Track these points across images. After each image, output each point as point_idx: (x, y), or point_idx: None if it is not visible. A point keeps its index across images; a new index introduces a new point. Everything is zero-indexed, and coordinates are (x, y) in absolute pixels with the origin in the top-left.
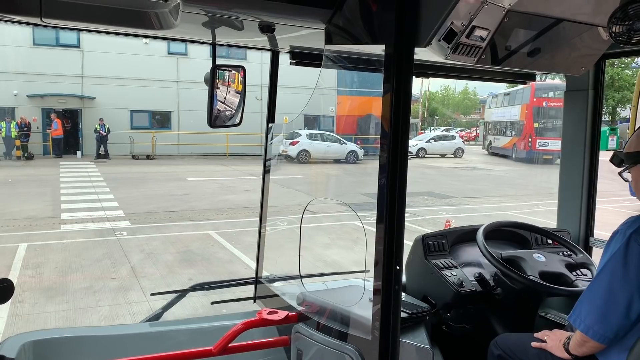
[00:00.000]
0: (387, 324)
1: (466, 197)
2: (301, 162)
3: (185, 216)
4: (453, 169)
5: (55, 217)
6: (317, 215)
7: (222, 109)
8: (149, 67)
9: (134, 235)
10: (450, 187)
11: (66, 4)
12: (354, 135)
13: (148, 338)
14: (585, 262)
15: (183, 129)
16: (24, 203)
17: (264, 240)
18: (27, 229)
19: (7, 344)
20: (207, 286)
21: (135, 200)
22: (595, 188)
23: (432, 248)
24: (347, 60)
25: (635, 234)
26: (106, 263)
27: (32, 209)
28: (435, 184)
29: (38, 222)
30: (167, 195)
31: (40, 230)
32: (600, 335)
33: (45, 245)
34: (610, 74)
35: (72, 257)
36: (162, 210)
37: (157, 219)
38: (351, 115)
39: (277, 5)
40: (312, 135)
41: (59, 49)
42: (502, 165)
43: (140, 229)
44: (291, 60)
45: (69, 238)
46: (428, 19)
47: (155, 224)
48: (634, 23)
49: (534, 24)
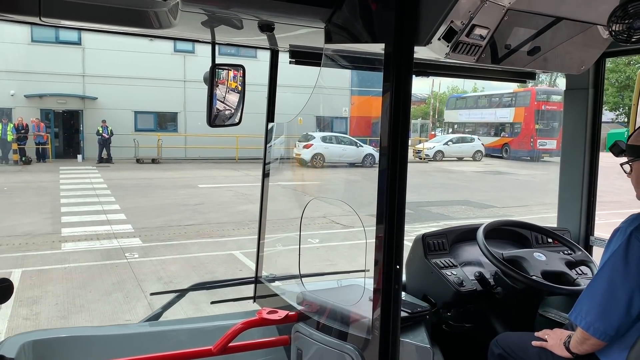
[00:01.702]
0: (387, 323)
1: (507, 207)
2: (315, 166)
3: (202, 231)
4: (478, 173)
5: (55, 233)
6: (346, 230)
7: (222, 108)
8: (154, 66)
9: (147, 256)
10: (485, 194)
11: (65, 3)
12: (368, 138)
13: (148, 338)
14: (584, 260)
15: (190, 131)
16: (20, 215)
17: (264, 240)
18: (22, 249)
19: (7, 343)
20: (206, 285)
21: (144, 211)
22: (596, 187)
23: (432, 247)
24: (347, 59)
25: (636, 231)
26: (117, 297)
27: (28, 222)
28: (467, 190)
29: (35, 239)
30: (179, 205)
31: (38, 251)
32: (601, 332)
33: (44, 272)
34: (628, 73)
35: (76, 288)
36: (176, 223)
37: (171, 235)
38: (366, 116)
39: (277, 4)
40: (327, 137)
41: (59, 46)
42: (527, 169)
43: (154, 249)
44: (291, 60)
45: (71, 261)
46: (428, 17)
47: (170, 241)
48: (633, 21)
49: (533, 22)
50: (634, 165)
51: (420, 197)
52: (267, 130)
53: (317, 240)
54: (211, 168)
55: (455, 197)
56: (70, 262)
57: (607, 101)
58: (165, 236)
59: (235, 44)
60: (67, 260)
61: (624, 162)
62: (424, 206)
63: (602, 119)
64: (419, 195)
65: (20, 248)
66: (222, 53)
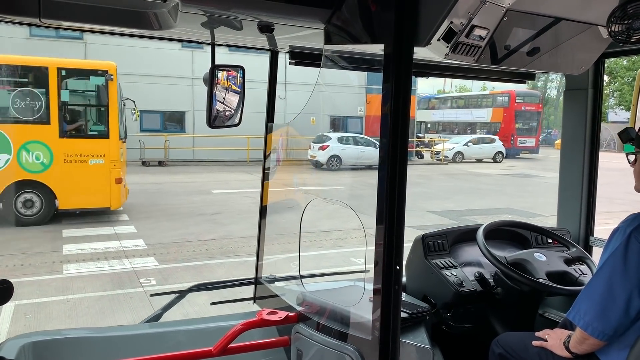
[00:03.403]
0: (387, 324)
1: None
2: (331, 169)
3: (226, 248)
4: (505, 176)
5: (55, 250)
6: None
7: (222, 109)
8: (160, 62)
9: (167, 283)
10: (523, 200)
11: (65, 4)
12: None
13: (148, 339)
14: (581, 256)
15: (198, 131)
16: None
17: (264, 240)
18: (16, 271)
19: (7, 345)
20: (206, 286)
21: (156, 223)
22: (595, 187)
23: (432, 248)
24: (347, 60)
25: (635, 231)
26: None
27: (24, 237)
28: (504, 196)
29: (32, 258)
30: (194, 214)
31: (35, 276)
32: (599, 332)
33: (42, 306)
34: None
35: None
36: (194, 238)
37: (192, 254)
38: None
39: (276, 5)
40: (343, 138)
41: (59, 41)
42: (551, 171)
43: (173, 273)
44: (290, 60)
45: (75, 290)
46: (427, 18)
47: (191, 261)
48: (633, 22)
49: (533, 23)
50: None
51: (458, 205)
52: (267, 130)
53: (360, 261)
54: (222, 171)
55: (494, 204)
56: (74, 291)
57: (625, 100)
58: (184, 254)
59: (235, 45)
60: (69, 288)
61: (629, 152)
62: (467, 215)
63: (617, 118)
64: (456, 203)
65: (15, 270)
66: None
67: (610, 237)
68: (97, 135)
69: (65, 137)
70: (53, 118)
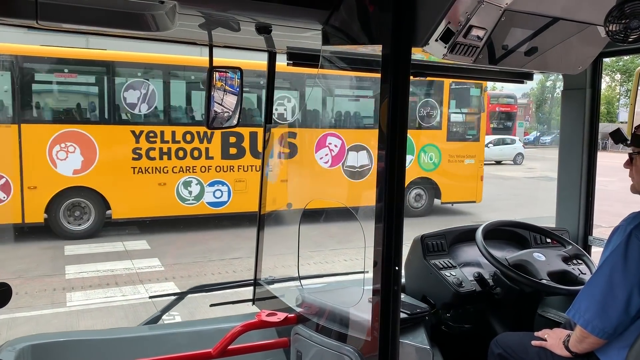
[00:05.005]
0: (387, 324)
1: (612, 226)
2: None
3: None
4: (531, 179)
5: (57, 272)
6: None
7: (220, 110)
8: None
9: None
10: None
11: (62, 7)
12: None
13: (147, 341)
14: (578, 253)
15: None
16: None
17: (263, 242)
18: (9, 305)
19: (6, 348)
20: (205, 288)
21: (170, 236)
22: (594, 187)
23: (431, 248)
24: (345, 61)
25: (636, 229)
26: None
27: (18, 255)
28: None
29: (28, 285)
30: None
31: (31, 311)
32: (599, 330)
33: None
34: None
35: None
36: (217, 256)
37: (217, 277)
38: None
39: (274, 6)
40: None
41: (59, 35)
42: None
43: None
44: (288, 61)
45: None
46: (425, 19)
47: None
48: (630, 21)
49: (530, 23)
50: (636, 156)
51: (501, 214)
52: (265, 131)
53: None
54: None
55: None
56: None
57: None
58: (208, 277)
59: (232, 46)
60: (73, 329)
61: (629, 152)
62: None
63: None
64: (497, 211)
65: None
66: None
67: (611, 235)
68: (471, 139)
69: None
70: (444, 124)
